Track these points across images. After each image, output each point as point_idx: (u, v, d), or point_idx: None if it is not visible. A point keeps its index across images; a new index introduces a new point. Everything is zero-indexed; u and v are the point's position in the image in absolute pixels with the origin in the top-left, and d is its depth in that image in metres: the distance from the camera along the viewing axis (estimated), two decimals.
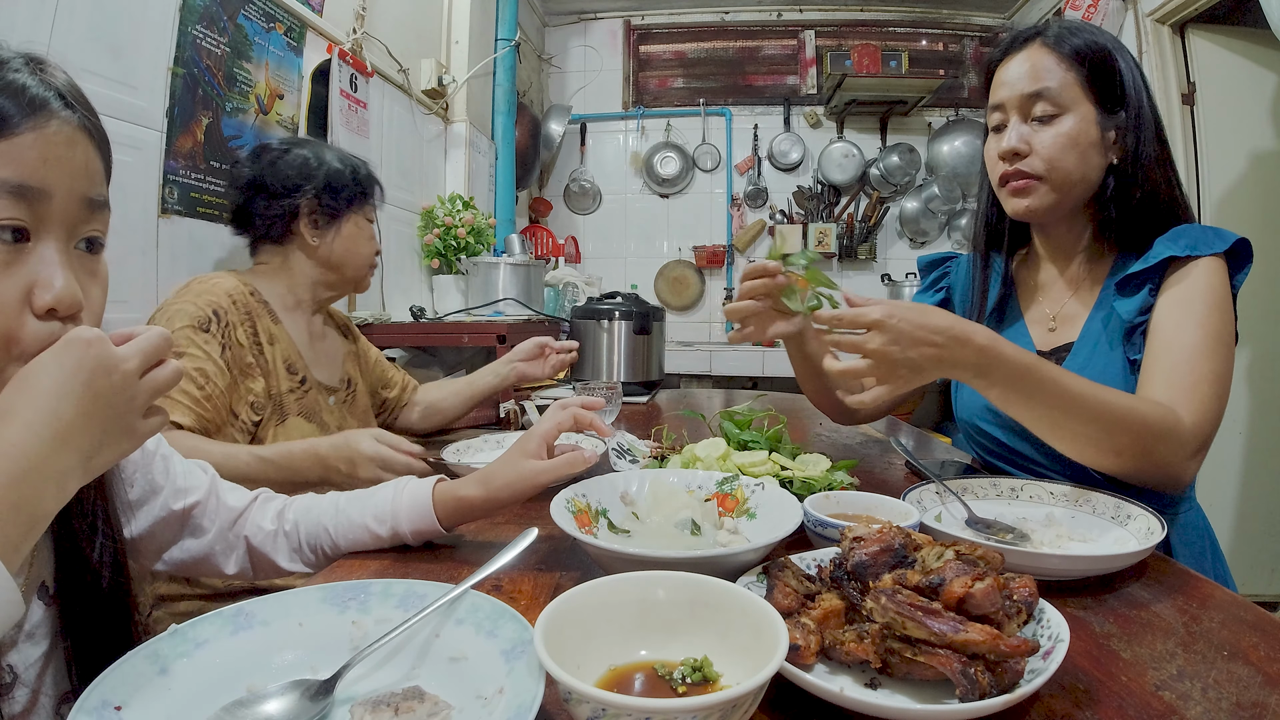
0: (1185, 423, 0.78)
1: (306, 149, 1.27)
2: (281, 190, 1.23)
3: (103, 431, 0.46)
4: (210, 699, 0.44)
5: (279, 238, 1.27)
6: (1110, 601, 0.62)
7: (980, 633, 0.43)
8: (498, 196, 3.12)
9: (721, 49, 4.08)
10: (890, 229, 3.94)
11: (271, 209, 1.23)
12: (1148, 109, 0.91)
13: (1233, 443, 2.62)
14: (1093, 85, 0.90)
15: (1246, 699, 0.46)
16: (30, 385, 0.44)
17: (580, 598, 0.48)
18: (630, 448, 1.09)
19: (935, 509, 0.79)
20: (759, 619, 0.46)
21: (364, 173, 1.32)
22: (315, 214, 1.26)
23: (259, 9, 1.70)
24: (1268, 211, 2.57)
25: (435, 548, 0.77)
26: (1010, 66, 0.94)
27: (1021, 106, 0.92)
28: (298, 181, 1.23)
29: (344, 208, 1.28)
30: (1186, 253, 0.86)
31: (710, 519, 0.72)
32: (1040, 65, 0.91)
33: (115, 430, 0.47)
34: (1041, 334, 1.02)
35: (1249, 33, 2.54)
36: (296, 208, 1.24)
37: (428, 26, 2.69)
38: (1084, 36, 0.92)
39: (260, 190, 1.23)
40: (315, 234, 1.27)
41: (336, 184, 1.26)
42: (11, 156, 0.47)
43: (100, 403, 0.45)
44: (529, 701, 0.41)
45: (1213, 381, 0.81)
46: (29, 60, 0.51)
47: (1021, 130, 0.92)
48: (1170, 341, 0.84)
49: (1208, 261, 0.86)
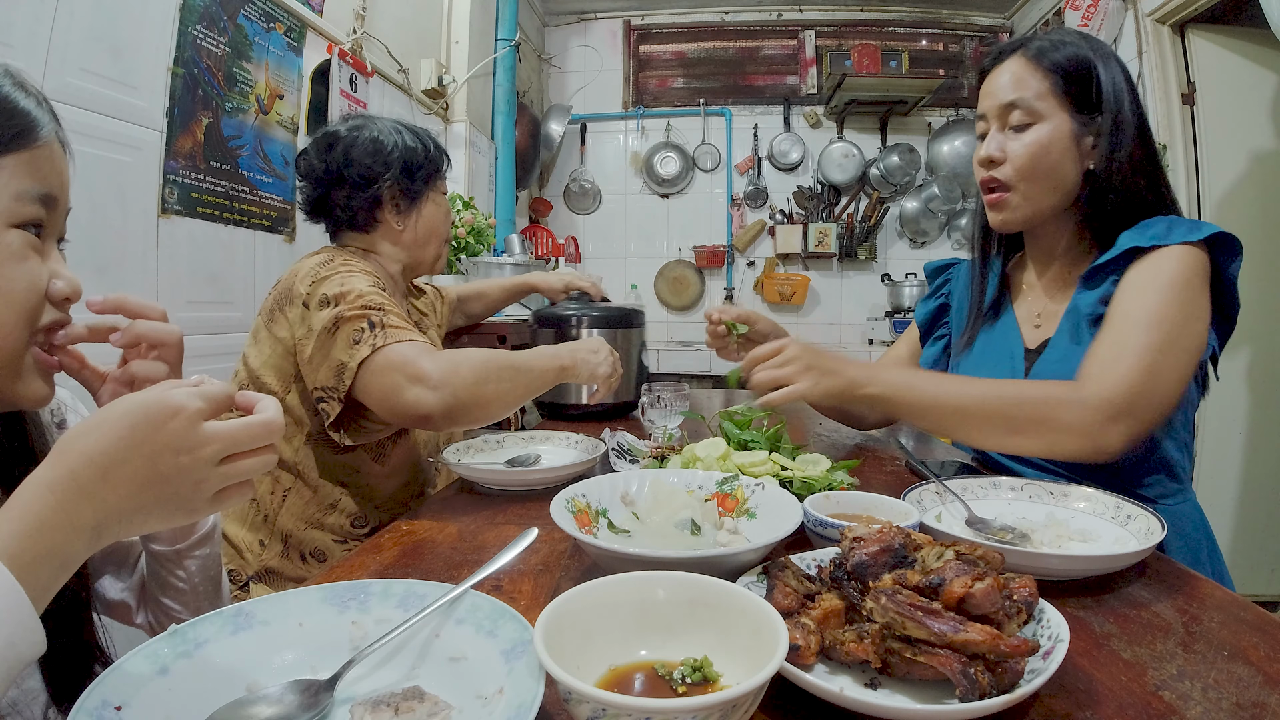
0: (1090, 390, 0.82)
1: (374, 129, 1.20)
2: (361, 180, 1.18)
3: (155, 501, 0.45)
4: (210, 699, 0.44)
5: (364, 225, 1.22)
6: (1110, 601, 0.62)
7: (980, 633, 0.43)
8: (498, 196, 3.13)
9: (721, 49, 4.08)
10: (890, 229, 3.94)
11: (354, 200, 1.19)
12: (1128, 114, 0.93)
13: (1233, 443, 2.62)
14: (1070, 94, 0.94)
15: (1246, 699, 0.46)
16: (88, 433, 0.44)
17: (580, 598, 0.48)
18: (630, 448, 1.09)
19: (935, 509, 0.79)
20: (759, 619, 0.46)
21: (434, 145, 1.27)
22: (398, 199, 1.22)
23: (259, 9, 1.70)
24: (1268, 211, 2.57)
25: (435, 547, 0.77)
26: (994, 77, 0.99)
27: (1000, 116, 0.97)
28: (377, 170, 1.18)
29: (422, 187, 1.24)
30: (1150, 243, 0.87)
31: (710, 519, 0.72)
32: (1018, 76, 0.96)
33: (170, 504, 0.46)
34: (1029, 332, 1.05)
35: (1249, 33, 2.54)
36: (379, 196, 1.20)
37: (428, 26, 2.69)
38: (1064, 49, 0.95)
39: (338, 182, 1.19)
40: (400, 218, 1.23)
41: (413, 164, 1.21)
42: (34, 167, 0.53)
43: (157, 477, 0.44)
44: (529, 701, 0.41)
45: (1141, 353, 0.82)
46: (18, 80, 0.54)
47: (998, 139, 0.97)
48: (1111, 319, 0.87)
49: (1173, 249, 0.87)
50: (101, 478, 0.43)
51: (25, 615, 0.39)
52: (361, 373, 0.97)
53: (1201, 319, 0.87)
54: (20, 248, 0.53)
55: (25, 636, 0.39)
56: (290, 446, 1.11)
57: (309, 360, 1.02)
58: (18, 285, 0.53)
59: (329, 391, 1.00)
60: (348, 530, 1.16)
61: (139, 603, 0.74)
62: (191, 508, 0.47)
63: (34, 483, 0.42)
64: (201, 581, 0.72)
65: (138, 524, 0.45)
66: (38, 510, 0.41)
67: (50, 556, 0.41)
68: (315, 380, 1.02)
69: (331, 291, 1.02)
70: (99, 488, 0.43)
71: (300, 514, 1.12)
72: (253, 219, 1.72)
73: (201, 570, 0.72)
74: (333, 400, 1.00)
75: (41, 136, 0.54)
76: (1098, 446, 0.82)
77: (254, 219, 1.73)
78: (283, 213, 1.83)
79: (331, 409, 1.00)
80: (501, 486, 1.00)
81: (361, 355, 0.96)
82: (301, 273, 1.08)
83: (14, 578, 0.39)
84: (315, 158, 1.20)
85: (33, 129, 0.53)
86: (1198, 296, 0.86)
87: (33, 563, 0.40)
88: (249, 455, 0.48)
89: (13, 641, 0.38)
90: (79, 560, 0.43)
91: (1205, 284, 0.88)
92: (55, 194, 0.55)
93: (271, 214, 1.79)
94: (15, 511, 0.41)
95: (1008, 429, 0.85)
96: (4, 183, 0.52)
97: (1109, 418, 0.81)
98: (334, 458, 1.13)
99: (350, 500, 1.16)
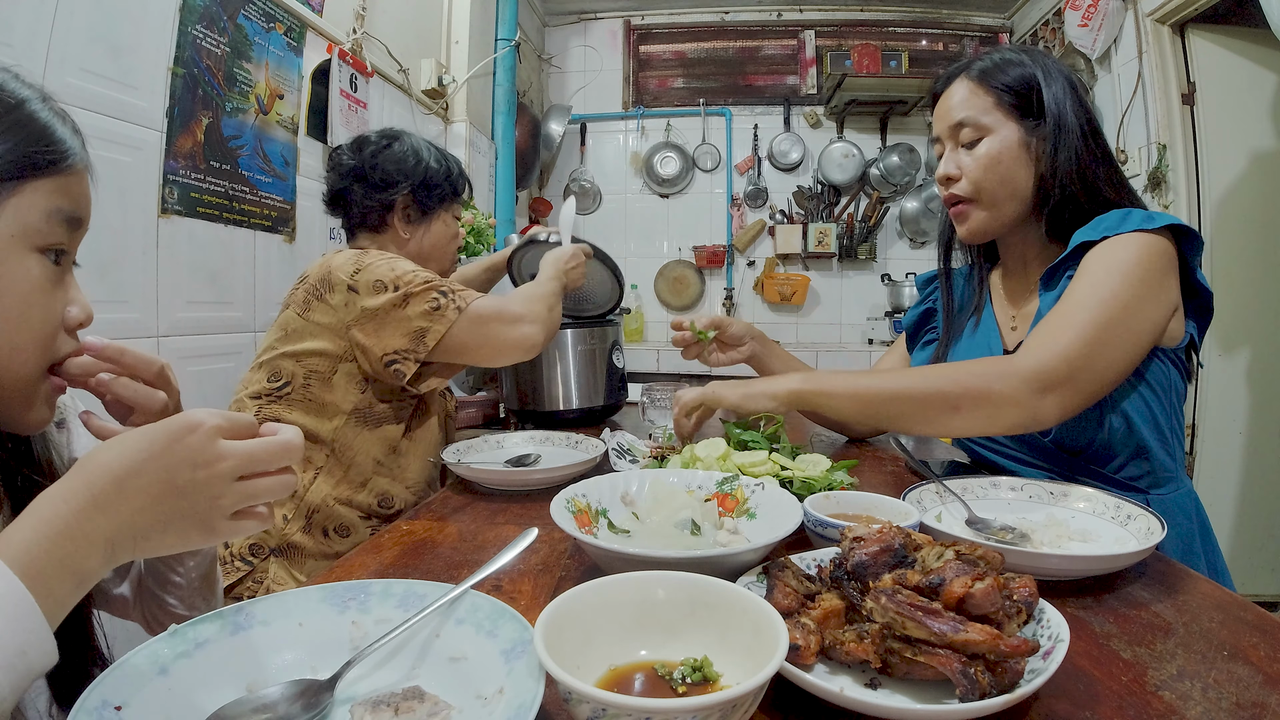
0: (1022, 362, 0.84)
1: (406, 144, 1.31)
2: (380, 183, 1.28)
3: (172, 515, 0.45)
4: (210, 699, 0.44)
5: (375, 227, 1.32)
6: (1110, 601, 0.62)
7: (980, 633, 0.43)
8: (498, 196, 3.12)
9: (721, 49, 4.08)
10: (890, 229, 3.94)
11: (369, 199, 1.29)
12: (1071, 117, 0.96)
13: (1233, 443, 2.62)
14: (1015, 105, 0.98)
15: (1246, 699, 0.46)
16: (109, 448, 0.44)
17: (580, 598, 0.48)
18: (630, 448, 1.09)
19: (935, 509, 0.79)
20: (759, 619, 0.46)
21: (457, 171, 1.38)
22: (409, 209, 1.32)
23: (259, 9, 1.70)
24: (1268, 211, 2.57)
25: (435, 547, 0.77)
26: (943, 100, 1.04)
27: (952, 135, 1.02)
28: (396, 177, 1.28)
29: (436, 205, 1.34)
30: (1101, 235, 0.89)
31: (710, 519, 0.72)
32: (963, 96, 1.01)
33: (187, 521, 0.45)
34: (1008, 334, 1.09)
35: (1249, 33, 2.53)
36: (392, 202, 1.29)
37: (428, 26, 2.69)
38: (1005, 65, 1.00)
39: (359, 180, 1.28)
40: (407, 228, 1.32)
41: (432, 181, 1.31)
42: (68, 190, 0.55)
43: (173, 490, 0.44)
44: (529, 701, 0.41)
45: (1079, 328, 0.83)
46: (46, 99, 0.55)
47: (953, 158, 1.02)
48: (1059, 303, 0.89)
49: (1127, 236, 0.87)
50: (117, 490, 0.43)
51: (37, 624, 0.39)
52: (454, 332, 1.13)
53: (1158, 303, 0.86)
54: (43, 276, 0.54)
55: (37, 645, 0.39)
56: (330, 425, 1.16)
57: (375, 332, 1.12)
58: (36, 314, 0.54)
59: (404, 354, 1.12)
60: (374, 509, 1.20)
61: (136, 597, 0.75)
62: (209, 526, 0.46)
63: (49, 494, 0.42)
64: (199, 578, 0.73)
65: (155, 540, 0.45)
66: (50, 520, 0.41)
67: (62, 568, 0.41)
68: (385, 347, 1.12)
69: (386, 277, 1.13)
70: (114, 500, 0.43)
71: (330, 491, 1.16)
72: (253, 219, 1.72)
73: (198, 567, 0.73)
74: (409, 360, 1.13)
75: (73, 162, 0.55)
76: (1034, 416, 0.84)
77: (254, 219, 1.72)
78: (283, 213, 1.83)
79: (407, 368, 1.13)
80: (501, 486, 1.00)
81: (450, 319, 1.12)
82: (336, 264, 1.16)
83: (24, 586, 0.38)
84: (346, 154, 1.32)
85: (66, 155, 0.54)
86: (1156, 281, 0.86)
87: (44, 573, 0.40)
88: (267, 475, 0.48)
89: (24, 650, 0.38)
90: (95, 575, 0.43)
91: (1168, 271, 0.88)
92: (82, 216, 0.57)
93: (271, 214, 1.79)
94: (28, 521, 0.41)
95: (948, 407, 0.86)
96: (35, 202, 0.53)
97: (1043, 386, 0.82)
98: (370, 435, 1.19)
99: (381, 479, 1.21)
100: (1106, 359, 0.84)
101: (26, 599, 0.38)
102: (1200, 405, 2.60)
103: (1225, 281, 2.46)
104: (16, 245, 0.52)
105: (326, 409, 1.16)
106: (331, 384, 1.16)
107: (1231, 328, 2.53)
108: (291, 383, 1.15)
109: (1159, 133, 2.65)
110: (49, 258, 0.54)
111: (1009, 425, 0.85)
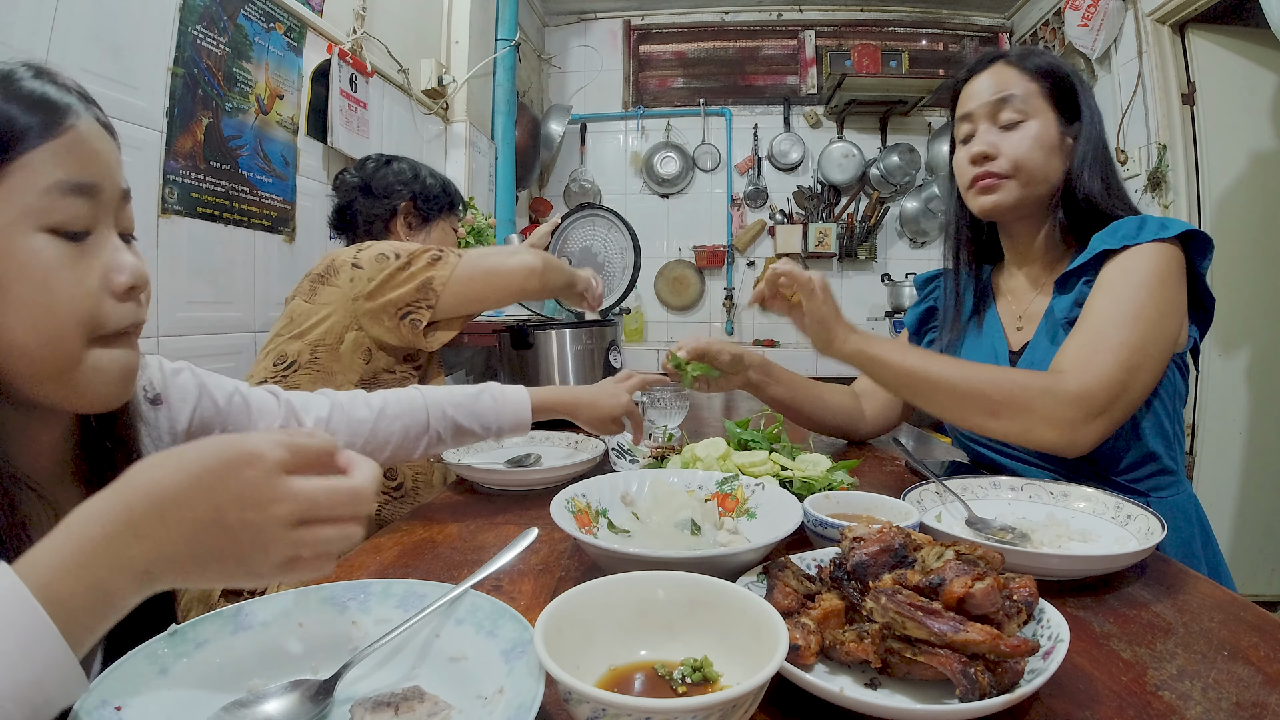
0: (1069, 384, 0.82)
1: (405, 162, 1.46)
2: (382, 192, 1.41)
3: (214, 554, 0.39)
4: (210, 699, 0.44)
5: (379, 236, 1.41)
6: (1110, 601, 0.62)
7: (980, 633, 0.43)
8: (498, 196, 3.13)
9: (721, 49, 4.08)
10: (890, 229, 3.94)
11: (373, 208, 1.41)
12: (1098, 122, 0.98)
13: (1233, 443, 2.62)
14: (1054, 96, 0.99)
15: (1246, 699, 0.46)
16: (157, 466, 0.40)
17: (580, 598, 0.48)
18: (630, 448, 1.09)
19: (935, 509, 0.79)
20: (759, 619, 0.46)
21: (453, 188, 1.51)
22: (410, 215, 1.43)
23: (259, 9, 1.70)
24: (1268, 211, 2.57)
25: (435, 547, 0.77)
26: (976, 82, 1.03)
27: (989, 114, 1.00)
28: (397, 186, 1.42)
29: (436, 214, 1.46)
30: (1121, 243, 0.89)
31: (710, 519, 0.72)
32: (1005, 78, 1.00)
33: (230, 561, 0.40)
34: (1012, 334, 1.08)
35: (1249, 33, 2.53)
36: (394, 209, 1.42)
37: (428, 26, 2.69)
38: (1045, 57, 1.01)
39: (363, 193, 1.42)
40: (409, 235, 1.43)
41: (430, 192, 1.45)
42: (62, 157, 0.49)
43: (219, 529, 0.39)
44: (529, 701, 0.41)
45: (1117, 350, 0.83)
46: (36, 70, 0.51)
47: (990, 136, 1.00)
48: (1086, 317, 0.88)
49: (1146, 247, 0.88)
50: (159, 518, 0.38)
51: (58, 655, 0.35)
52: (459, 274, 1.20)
53: (1176, 315, 0.88)
54: (55, 258, 0.49)
55: (54, 677, 0.35)
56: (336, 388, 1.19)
57: (381, 288, 1.18)
58: (58, 295, 0.49)
59: (416, 304, 1.19)
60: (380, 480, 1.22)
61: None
62: (255, 571, 0.40)
63: (84, 513, 0.38)
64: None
65: (194, 576, 0.40)
66: (80, 543, 0.37)
67: (91, 594, 0.37)
68: (398, 302, 1.19)
69: (389, 251, 1.21)
70: (155, 528, 0.38)
71: None
72: (253, 219, 1.72)
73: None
74: (423, 309, 1.19)
75: (68, 121, 0.50)
76: (1071, 440, 0.83)
77: (254, 219, 1.73)
78: (283, 213, 1.83)
79: (422, 316, 1.19)
80: (501, 486, 1.00)
81: (452, 264, 1.20)
82: (339, 253, 1.24)
83: (45, 613, 0.35)
84: (350, 171, 1.45)
85: (56, 115, 0.49)
86: (1172, 293, 0.87)
87: (72, 598, 0.36)
88: (329, 524, 0.42)
89: (38, 682, 0.35)
90: (128, 603, 0.39)
91: (1181, 280, 0.89)
92: (95, 180, 0.51)
93: (271, 214, 1.79)
94: (58, 542, 0.38)
95: (986, 410, 0.85)
96: (28, 180, 0.48)
97: (1088, 414, 0.82)
98: None
99: None
100: (1141, 382, 0.84)
101: (49, 628, 0.35)
102: (1200, 405, 2.60)
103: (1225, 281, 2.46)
104: (17, 231, 0.48)
105: (334, 379, 1.19)
106: (339, 353, 1.20)
107: (1231, 328, 2.53)
108: (297, 360, 1.18)
109: (1159, 133, 2.65)
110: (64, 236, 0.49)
111: (1043, 443, 0.84)
